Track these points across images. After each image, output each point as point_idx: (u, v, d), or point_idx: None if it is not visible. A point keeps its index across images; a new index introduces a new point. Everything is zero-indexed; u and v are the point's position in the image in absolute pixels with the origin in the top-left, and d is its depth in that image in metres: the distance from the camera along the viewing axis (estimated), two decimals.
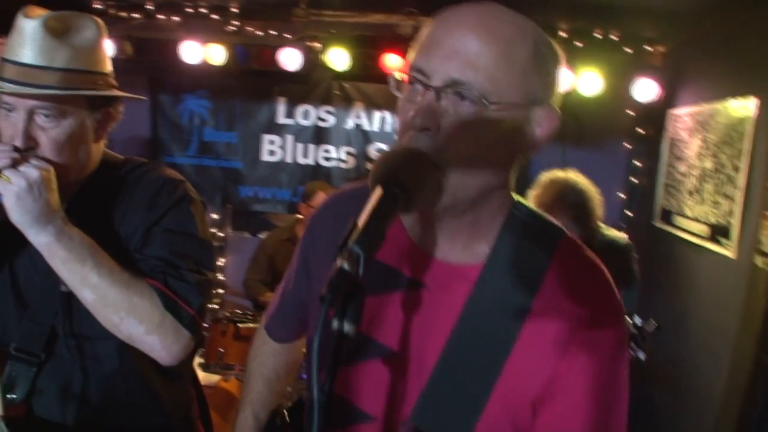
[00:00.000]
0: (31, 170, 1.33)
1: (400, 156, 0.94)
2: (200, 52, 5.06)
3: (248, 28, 5.20)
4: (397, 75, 1.04)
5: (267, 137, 5.58)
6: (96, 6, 5.14)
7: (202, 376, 3.93)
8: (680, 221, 4.02)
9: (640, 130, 4.84)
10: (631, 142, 4.94)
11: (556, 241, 1.10)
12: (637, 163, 4.89)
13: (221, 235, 5.59)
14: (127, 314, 1.41)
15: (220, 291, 5.38)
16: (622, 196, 4.92)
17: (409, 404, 1.08)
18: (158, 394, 1.67)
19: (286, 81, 5.33)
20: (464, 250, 1.09)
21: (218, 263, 5.34)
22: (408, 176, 0.90)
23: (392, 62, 4.68)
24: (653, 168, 4.56)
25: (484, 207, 1.07)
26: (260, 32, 5.18)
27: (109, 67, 1.54)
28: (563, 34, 4.50)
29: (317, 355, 0.77)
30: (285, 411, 1.48)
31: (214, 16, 5.17)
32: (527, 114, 1.01)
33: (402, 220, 1.15)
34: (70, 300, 1.48)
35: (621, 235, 3.25)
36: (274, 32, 5.17)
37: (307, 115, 5.54)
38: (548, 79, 1.03)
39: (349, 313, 0.79)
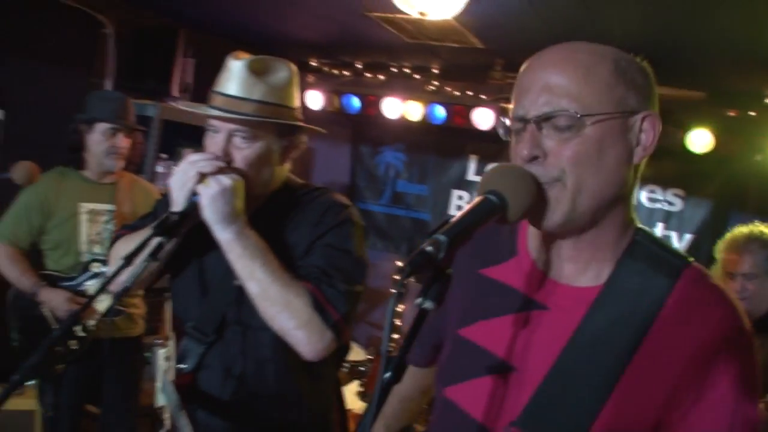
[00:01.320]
0: (225, 179, 1.60)
1: (500, 171, 1.05)
2: (400, 108, 5.39)
3: (446, 88, 5.45)
4: (505, 123, 1.14)
5: (456, 192, 5.73)
6: (312, 63, 5.72)
7: (360, 405, 4.04)
8: None
9: None
10: None
11: (681, 268, 1.09)
12: None
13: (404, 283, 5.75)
14: (283, 309, 1.60)
15: (395, 336, 5.51)
16: None
17: (516, 413, 1.11)
18: (302, 389, 1.83)
19: (479, 139, 5.47)
20: (584, 272, 1.13)
21: (397, 309, 5.48)
22: (505, 188, 1.00)
23: None
24: None
25: (602, 228, 1.10)
26: (457, 92, 5.41)
27: (297, 103, 1.80)
28: None
29: (389, 325, 0.90)
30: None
31: (416, 76, 5.50)
32: (624, 122, 1.06)
33: (529, 246, 1.21)
34: (241, 293, 1.69)
35: None
36: (470, 93, 5.37)
37: None
38: (638, 89, 1.08)
39: (431, 292, 0.88)
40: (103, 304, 3.04)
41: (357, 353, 4.62)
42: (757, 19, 3.29)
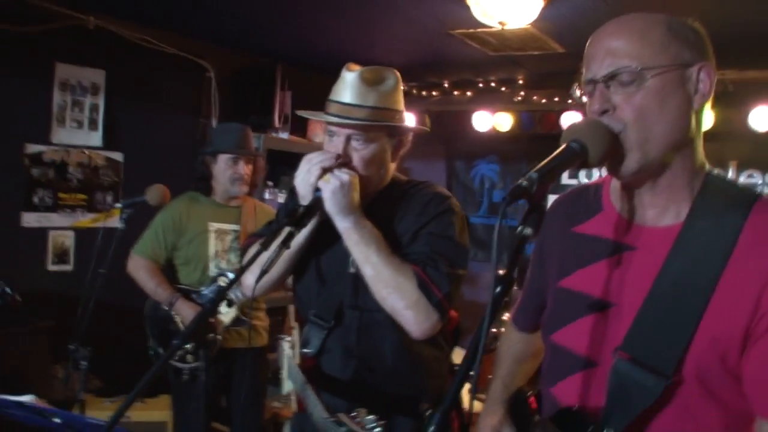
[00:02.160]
0: (344, 175, 1.79)
1: (579, 124, 1.21)
2: (490, 121, 5.51)
3: (534, 97, 5.52)
4: (578, 93, 1.31)
5: (552, 197, 5.70)
6: (402, 88, 5.92)
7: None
8: None
9: None
10: None
11: (752, 201, 1.20)
12: None
13: None
14: (394, 290, 1.77)
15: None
16: None
17: (618, 341, 1.23)
18: (417, 367, 1.96)
19: None
20: (665, 214, 1.26)
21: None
22: (583, 135, 1.16)
23: None
24: None
25: (675, 172, 1.24)
26: (544, 99, 5.47)
27: (402, 106, 1.99)
28: None
29: (497, 249, 1.03)
30: (530, 392, 1.64)
31: (503, 89, 5.61)
32: (681, 73, 1.20)
33: (612, 201, 1.36)
34: (356, 280, 1.88)
35: None
36: (557, 99, 5.41)
37: (590, 176, 5.59)
38: (691, 45, 1.21)
39: (529, 221, 1.04)
40: (229, 315, 3.31)
41: (459, 355, 4.67)
42: None
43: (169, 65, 4.59)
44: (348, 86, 1.87)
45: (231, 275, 3.27)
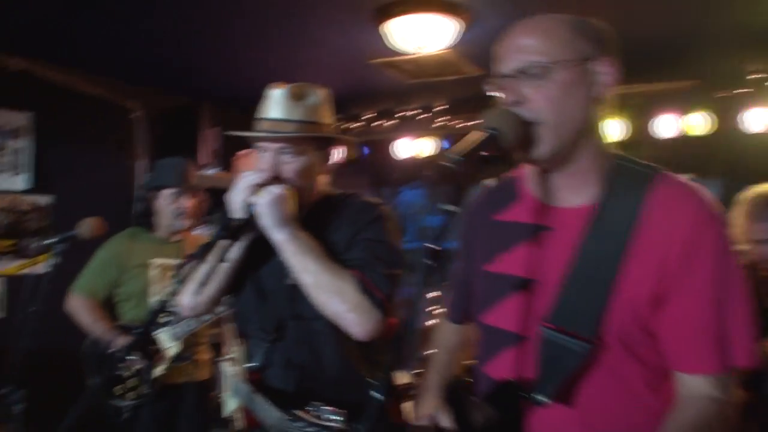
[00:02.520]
0: (276, 188, 1.84)
1: (495, 113, 1.30)
2: (412, 148, 5.71)
3: (453, 122, 5.77)
4: (491, 87, 1.41)
5: None
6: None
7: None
8: None
9: None
10: None
11: (653, 175, 1.34)
12: None
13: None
14: (334, 295, 1.81)
15: None
16: None
17: (544, 314, 1.34)
18: (358, 374, 1.99)
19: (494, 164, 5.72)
20: (578, 194, 1.37)
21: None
22: (499, 123, 1.26)
23: None
24: None
25: (582, 156, 1.35)
26: (463, 124, 5.72)
27: (330, 120, 2.05)
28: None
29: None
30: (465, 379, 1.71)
31: (423, 116, 5.83)
32: (585, 67, 1.31)
33: (529, 188, 1.47)
34: (294, 290, 1.91)
35: None
36: (476, 122, 5.67)
37: None
38: (594, 42, 1.33)
39: (452, 196, 1.18)
40: (171, 350, 3.27)
41: (403, 377, 4.70)
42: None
43: (97, 107, 4.59)
44: (275, 102, 1.93)
45: (171, 309, 3.26)
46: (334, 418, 1.74)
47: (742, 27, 4.03)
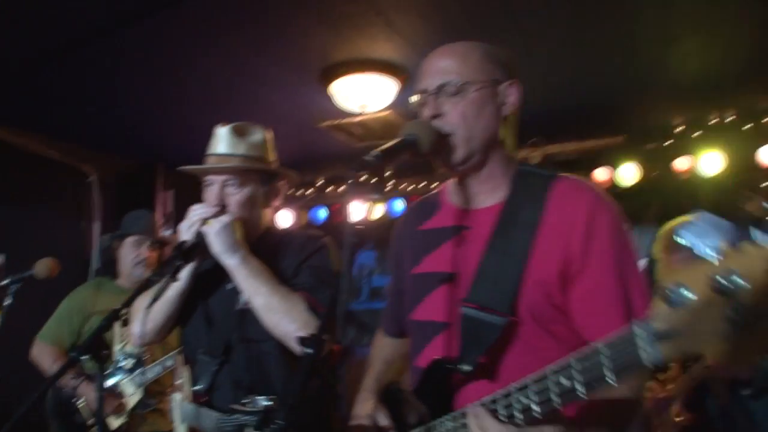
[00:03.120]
0: (225, 217, 1.99)
1: (415, 122, 1.49)
2: (363, 211, 5.90)
3: (402, 185, 6.02)
4: (414, 99, 1.60)
5: None
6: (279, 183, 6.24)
7: None
8: None
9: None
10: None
11: (554, 177, 1.53)
12: None
13: None
14: (284, 315, 1.92)
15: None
16: None
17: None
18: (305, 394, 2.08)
19: None
20: (490, 196, 1.56)
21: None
22: (417, 131, 1.44)
23: None
24: None
25: (493, 163, 1.55)
26: (411, 186, 5.97)
27: (273, 157, 2.21)
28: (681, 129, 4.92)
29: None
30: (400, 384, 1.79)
31: (373, 179, 6.03)
32: (494, 88, 1.52)
33: (449, 198, 1.65)
34: (242, 315, 2.03)
35: None
36: (423, 184, 5.93)
37: None
38: (503, 67, 1.54)
39: (376, 187, 1.35)
40: (133, 398, 3.29)
41: None
42: (661, 57, 3.98)
43: (52, 170, 4.71)
44: (221, 139, 2.10)
45: (134, 358, 3.31)
46: (265, 403, 1.81)
47: (668, 84, 4.40)
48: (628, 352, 0.91)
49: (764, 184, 4.63)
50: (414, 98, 1.59)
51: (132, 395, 3.27)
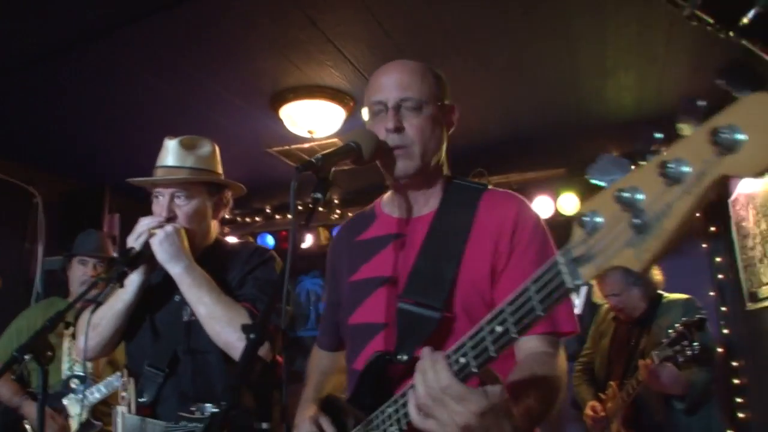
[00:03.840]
0: (169, 227, 2.03)
1: (359, 131, 1.57)
2: (309, 238, 5.98)
3: (348, 213, 6.10)
4: (366, 110, 1.69)
5: None
6: (228, 217, 6.25)
7: None
8: (764, 292, 4.12)
9: (712, 228, 5.10)
10: (707, 242, 5.18)
11: (483, 189, 1.66)
12: (718, 259, 5.06)
13: None
14: (227, 324, 1.96)
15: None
16: (713, 294, 5.02)
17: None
18: (249, 407, 2.10)
19: None
20: (425, 205, 1.67)
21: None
22: (360, 138, 1.51)
23: None
24: (733, 259, 4.72)
25: (432, 175, 1.66)
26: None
27: (220, 170, 2.26)
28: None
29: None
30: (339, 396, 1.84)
31: (320, 208, 6.12)
32: (442, 107, 1.65)
33: (384, 209, 1.75)
34: (189, 327, 2.07)
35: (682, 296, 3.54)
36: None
37: None
38: (445, 89, 1.67)
39: (319, 187, 1.38)
40: (78, 419, 3.25)
41: None
42: (598, 89, 4.21)
43: None
44: (169, 152, 2.15)
45: (82, 380, 3.28)
46: (213, 410, 1.85)
47: (607, 117, 4.65)
48: (553, 280, 0.98)
49: None
50: (366, 109, 1.66)
51: (77, 415, 3.24)
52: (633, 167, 0.86)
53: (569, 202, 5.25)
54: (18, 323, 3.47)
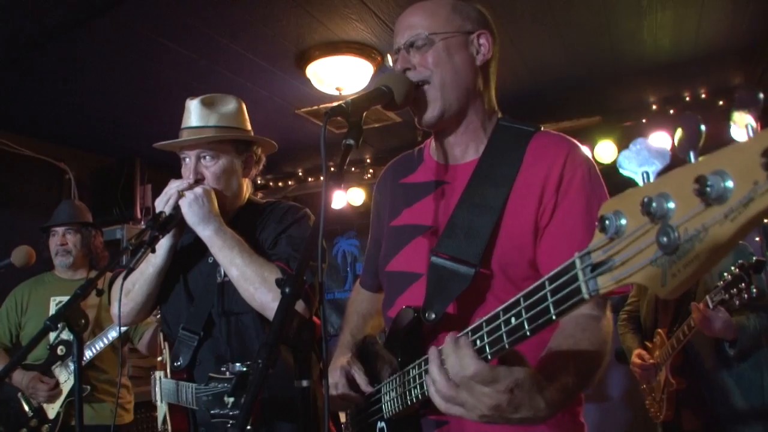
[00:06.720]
0: (198, 189, 1.97)
1: (389, 75, 1.51)
2: (344, 198, 5.92)
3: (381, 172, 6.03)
4: (390, 62, 1.63)
5: None
6: (260, 182, 6.25)
7: None
8: None
9: None
10: None
11: (533, 131, 1.55)
12: None
13: None
14: (260, 285, 1.90)
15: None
16: (757, 239, 4.84)
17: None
18: (287, 366, 2.00)
19: None
20: (467, 151, 1.59)
21: None
22: (391, 82, 1.46)
23: None
24: None
25: (470, 117, 1.56)
26: None
27: (248, 126, 2.18)
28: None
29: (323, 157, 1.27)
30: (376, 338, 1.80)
31: (353, 169, 6.09)
32: (465, 38, 1.55)
33: (431, 154, 1.68)
34: (223, 288, 2.03)
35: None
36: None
37: None
38: (472, 20, 1.57)
39: (351, 133, 1.31)
40: (66, 385, 3.27)
41: None
42: (634, 31, 4.03)
43: (29, 169, 4.68)
44: (192, 113, 2.07)
45: (66, 341, 3.29)
46: (242, 369, 1.81)
47: (643, 61, 4.45)
48: (568, 284, 0.92)
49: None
50: (390, 59, 1.60)
51: (65, 382, 3.28)
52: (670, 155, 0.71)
53: (607, 150, 5.08)
54: (7, 301, 3.54)
